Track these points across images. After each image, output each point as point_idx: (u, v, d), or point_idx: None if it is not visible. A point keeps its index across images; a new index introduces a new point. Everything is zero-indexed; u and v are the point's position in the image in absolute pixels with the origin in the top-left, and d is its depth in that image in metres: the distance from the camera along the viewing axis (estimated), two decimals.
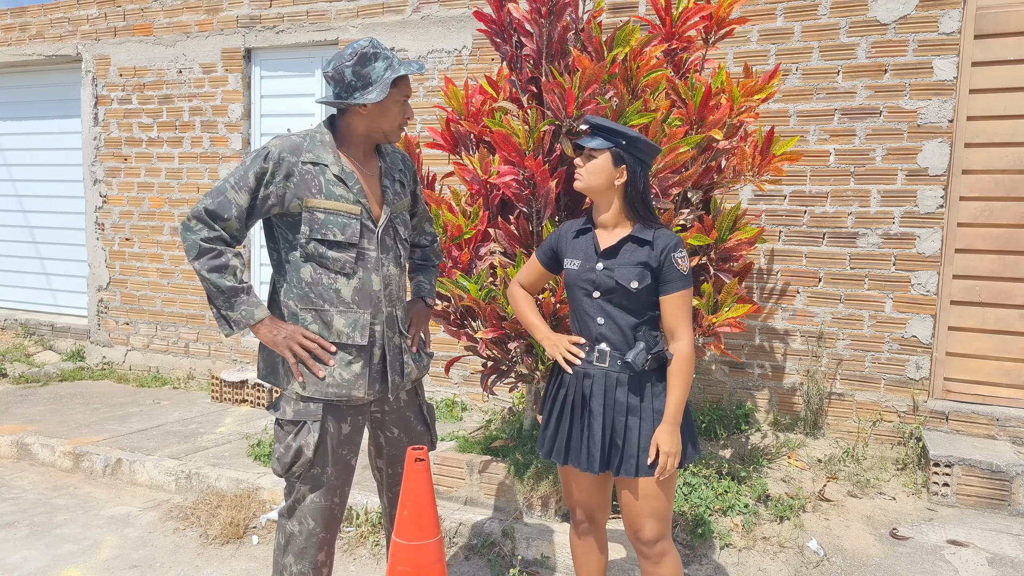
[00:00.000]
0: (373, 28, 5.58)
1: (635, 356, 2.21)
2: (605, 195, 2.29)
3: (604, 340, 2.28)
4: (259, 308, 2.22)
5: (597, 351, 2.28)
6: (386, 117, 2.26)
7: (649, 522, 2.27)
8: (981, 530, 3.58)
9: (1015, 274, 4.22)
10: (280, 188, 2.20)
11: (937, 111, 4.25)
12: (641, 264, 2.23)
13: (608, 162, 2.24)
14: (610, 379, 2.26)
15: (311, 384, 2.23)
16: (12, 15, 7.19)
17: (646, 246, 2.25)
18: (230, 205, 2.17)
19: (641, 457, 2.22)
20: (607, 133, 2.24)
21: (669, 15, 3.58)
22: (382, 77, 2.19)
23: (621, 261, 2.25)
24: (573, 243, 2.37)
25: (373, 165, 2.36)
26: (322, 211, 2.21)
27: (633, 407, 2.24)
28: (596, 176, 2.26)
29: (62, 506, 3.97)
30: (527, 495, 3.54)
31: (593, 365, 2.29)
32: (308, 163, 2.22)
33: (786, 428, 4.57)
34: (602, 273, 2.26)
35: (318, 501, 2.27)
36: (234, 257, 2.20)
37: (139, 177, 6.64)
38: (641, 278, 2.22)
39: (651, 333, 2.26)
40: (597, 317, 2.29)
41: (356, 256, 2.26)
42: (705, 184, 3.50)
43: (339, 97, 2.23)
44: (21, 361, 6.85)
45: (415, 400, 2.52)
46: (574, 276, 2.32)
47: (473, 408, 5.36)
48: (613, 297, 2.26)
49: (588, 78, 3.11)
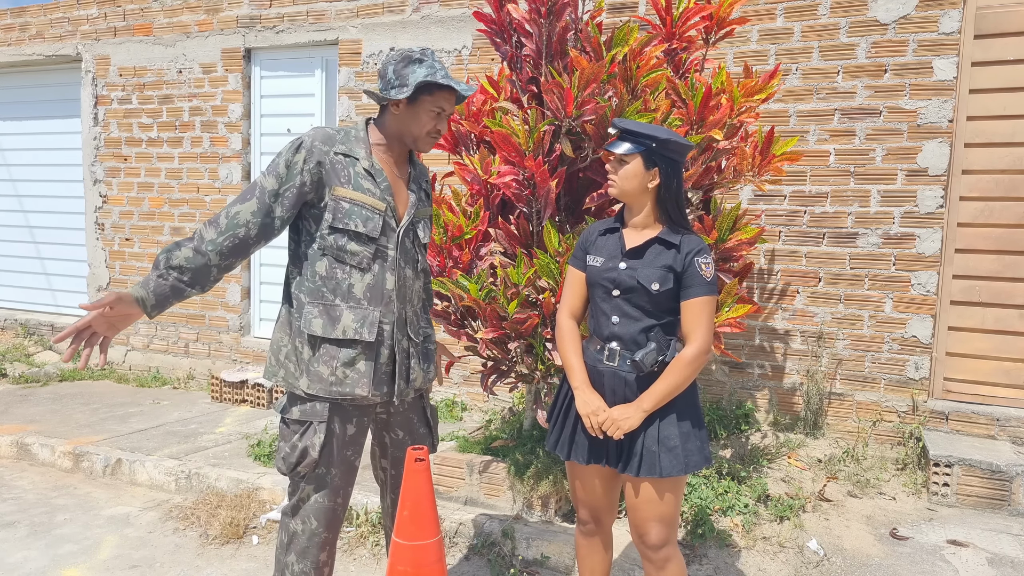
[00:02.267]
0: (373, 28, 5.58)
1: (643, 356, 2.20)
2: (639, 199, 2.26)
3: (616, 339, 2.26)
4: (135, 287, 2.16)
5: (607, 350, 2.27)
6: (416, 122, 2.26)
7: (655, 526, 2.26)
8: (981, 530, 3.58)
9: (1015, 274, 4.22)
10: (314, 174, 2.21)
11: (937, 111, 4.25)
12: (665, 267, 2.21)
13: (640, 166, 2.22)
14: (618, 378, 2.25)
15: (316, 382, 2.23)
16: (12, 15, 7.19)
17: (672, 249, 2.23)
18: (263, 193, 2.20)
19: (646, 457, 2.20)
20: (636, 136, 2.21)
21: (669, 15, 3.58)
22: (417, 79, 2.21)
23: (646, 262, 2.23)
24: (598, 241, 2.35)
25: (404, 170, 2.38)
26: (348, 200, 2.22)
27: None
28: (629, 181, 2.23)
29: (62, 506, 3.97)
30: (527, 495, 3.54)
31: (603, 363, 2.27)
32: (340, 154, 2.25)
33: (786, 428, 4.57)
34: (624, 272, 2.24)
35: (322, 501, 2.28)
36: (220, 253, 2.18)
37: (139, 177, 6.65)
38: (663, 281, 2.20)
39: (665, 337, 2.24)
40: (612, 316, 2.27)
41: (375, 252, 2.26)
42: (705, 184, 3.50)
43: (381, 91, 2.26)
44: (21, 361, 6.85)
45: (419, 402, 2.52)
46: (595, 273, 2.30)
47: (473, 408, 5.36)
48: (632, 297, 2.23)
49: (587, 78, 3.11)
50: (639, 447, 2.21)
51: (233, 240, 2.17)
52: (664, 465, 2.19)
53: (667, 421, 2.22)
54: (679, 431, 2.22)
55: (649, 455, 2.20)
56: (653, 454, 2.20)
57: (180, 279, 2.14)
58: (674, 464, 2.19)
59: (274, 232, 2.23)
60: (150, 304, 2.12)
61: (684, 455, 2.21)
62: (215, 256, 2.16)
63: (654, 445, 2.20)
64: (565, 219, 3.55)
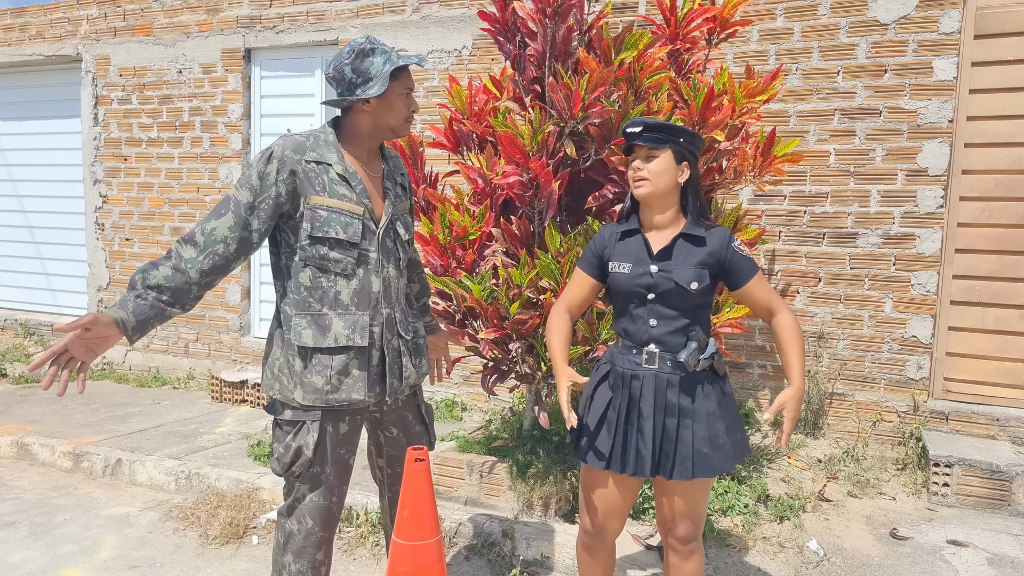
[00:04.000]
0: (373, 28, 5.58)
1: (688, 356, 2.18)
2: (668, 197, 2.23)
3: (655, 342, 2.22)
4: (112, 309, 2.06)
5: (646, 353, 2.22)
6: (391, 111, 2.24)
7: (688, 523, 2.28)
8: (981, 530, 3.59)
9: (1015, 274, 4.22)
10: (288, 184, 2.17)
11: (937, 111, 4.26)
12: (700, 264, 2.20)
13: (671, 160, 2.20)
14: (660, 381, 2.21)
15: (311, 393, 2.22)
16: (12, 15, 7.19)
17: (701, 245, 2.21)
18: (238, 206, 2.16)
19: (698, 459, 2.18)
20: (666, 132, 2.19)
21: (674, 16, 3.58)
22: (381, 71, 2.17)
23: (677, 262, 2.20)
24: (619, 247, 2.29)
25: (377, 167, 2.35)
26: (325, 208, 2.18)
27: (685, 409, 2.20)
28: (662, 176, 2.20)
29: (62, 506, 3.97)
30: (527, 495, 3.54)
31: (642, 367, 2.23)
32: (311, 161, 2.20)
33: None
34: (659, 276, 2.20)
35: (317, 500, 2.28)
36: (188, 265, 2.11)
37: (139, 177, 6.64)
38: (700, 279, 2.19)
39: (702, 334, 2.22)
40: (650, 319, 2.23)
41: (357, 257, 2.24)
42: (706, 185, 3.50)
43: (342, 96, 2.21)
44: (21, 361, 6.85)
45: (413, 400, 2.51)
46: (625, 281, 2.24)
47: (473, 408, 5.36)
48: (668, 299, 2.20)
49: (596, 81, 3.11)
50: (689, 450, 2.18)
51: (213, 257, 2.10)
52: (716, 463, 2.19)
53: (713, 419, 2.20)
54: (724, 426, 2.21)
55: (700, 456, 2.18)
56: (705, 455, 2.18)
57: (159, 299, 2.05)
58: (725, 460, 2.20)
59: (253, 246, 2.17)
60: (131, 326, 2.01)
61: (732, 448, 2.22)
62: (195, 274, 2.09)
63: (705, 446, 2.18)
64: (566, 219, 3.55)
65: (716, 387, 2.23)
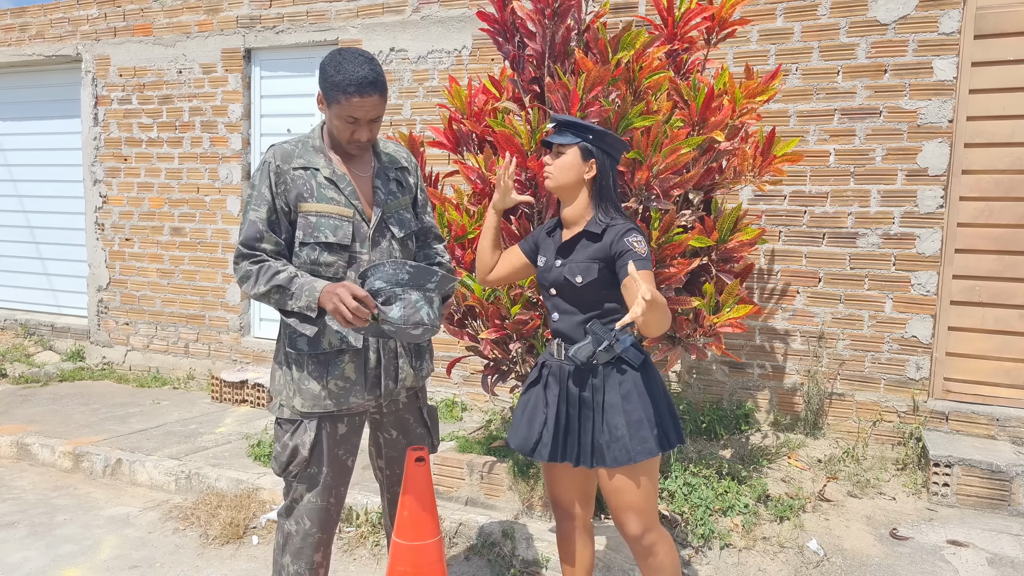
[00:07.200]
0: (373, 28, 5.58)
1: (576, 351, 2.24)
2: (573, 191, 2.31)
3: (558, 335, 2.34)
4: (317, 281, 2.16)
5: (555, 344, 2.35)
6: (335, 126, 2.21)
7: (629, 516, 2.27)
8: (981, 530, 3.59)
9: (1015, 274, 4.22)
10: (284, 194, 2.22)
11: (937, 111, 4.26)
12: (589, 259, 2.24)
13: (577, 157, 2.27)
14: (563, 372, 2.31)
15: (308, 399, 2.23)
16: (12, 15, 7.19)
17: (597, 240, 2.26)
18: (256, 225, 2.20)
19: (596, 450, 2.24)
20: (575, 129, 2.27)
21: (671, 16, 3.58)
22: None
23: (575, 258, 2.28)
24: (545, 240, 2.41)
25: (367, 166, 2.34)
26: (315, 214, 2.21)
27: (585, 400, 2.27)
28: (566, 172, 2.28)
29: (62, 506, 3.97)
30: (527, 495, 3.54)
31: (552, 358, 2.36)
32: (299, 168, 2.22)
33: (786, 428, 4.57)
34: (558, 270, 2.30)
35: (314, 501, 2.28)
36: (275, 261, 2.21)
37: (139, 177, 6.64)
38: (586, 273, 2.23)
39: (604, 328, 2.25)
40: (553, 313, 2.35)
41: (348, 260, 2.24)
42: (706, 185, 3.50)
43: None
44: (21, 361, 6.85)
45: (415, 403, 2.50)
46: (539, 274, 2.38)
47: (473, 408, 5.36)
48: (564, 294, 2.29)
49: (593, 80, 3.11)
50: (589, 440, 2.26)
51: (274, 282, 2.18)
52: (617, 455, 2.20)
53: (613, 412, 2.23)
54: (627, 420, 2.22)
55: (598, 448, 2.24)
56: (600, 447, 2.23)
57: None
58: (623, 453, 2.20)
59: (286, 252, 2.25)
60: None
61: (634, 443, 2.20)
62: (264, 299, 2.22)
63: (601, 437, 2.23)
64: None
65: (628, 380, 2.24)
